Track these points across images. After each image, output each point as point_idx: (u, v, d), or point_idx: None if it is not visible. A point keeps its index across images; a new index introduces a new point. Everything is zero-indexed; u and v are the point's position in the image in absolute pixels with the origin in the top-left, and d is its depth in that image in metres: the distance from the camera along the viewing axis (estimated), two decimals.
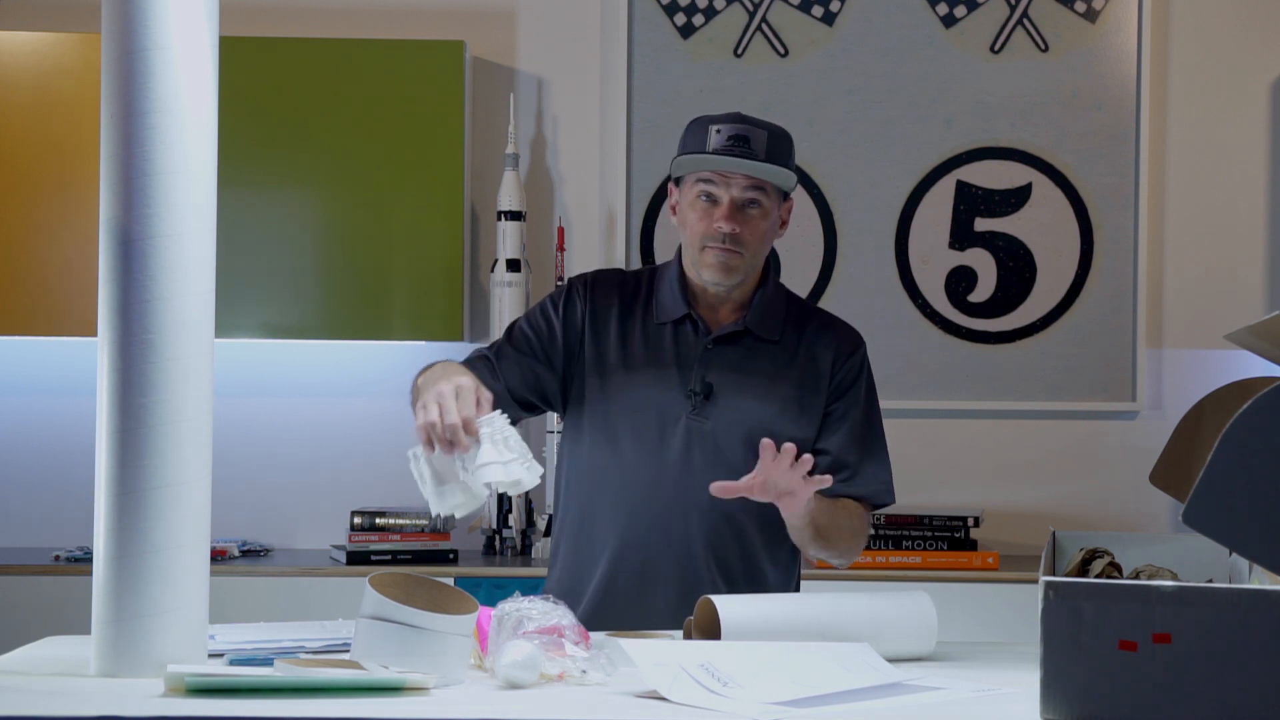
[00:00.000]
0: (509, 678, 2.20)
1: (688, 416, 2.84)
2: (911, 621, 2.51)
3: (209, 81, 2.35)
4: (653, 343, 2.88)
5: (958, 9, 4.49)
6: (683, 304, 2.89)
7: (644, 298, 2.92)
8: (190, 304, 2.31)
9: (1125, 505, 4.45)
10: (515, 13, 4.54)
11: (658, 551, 2.83)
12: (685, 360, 2.87)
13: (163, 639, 2.28)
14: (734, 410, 2.84)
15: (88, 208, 4.16)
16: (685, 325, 2.89)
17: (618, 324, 2.89)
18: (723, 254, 2.82)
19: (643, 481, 2.84)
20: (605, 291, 2.93)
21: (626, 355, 2.87)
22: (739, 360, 2.87)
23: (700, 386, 2.85)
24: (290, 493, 4.51)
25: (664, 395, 2.85)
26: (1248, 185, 4.50)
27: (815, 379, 2.90)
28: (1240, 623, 1.91)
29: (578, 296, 2.92)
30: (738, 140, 2.80)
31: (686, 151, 2.84)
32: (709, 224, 2.82)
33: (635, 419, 2.85)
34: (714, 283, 2.84)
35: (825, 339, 2.93)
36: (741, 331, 2.88)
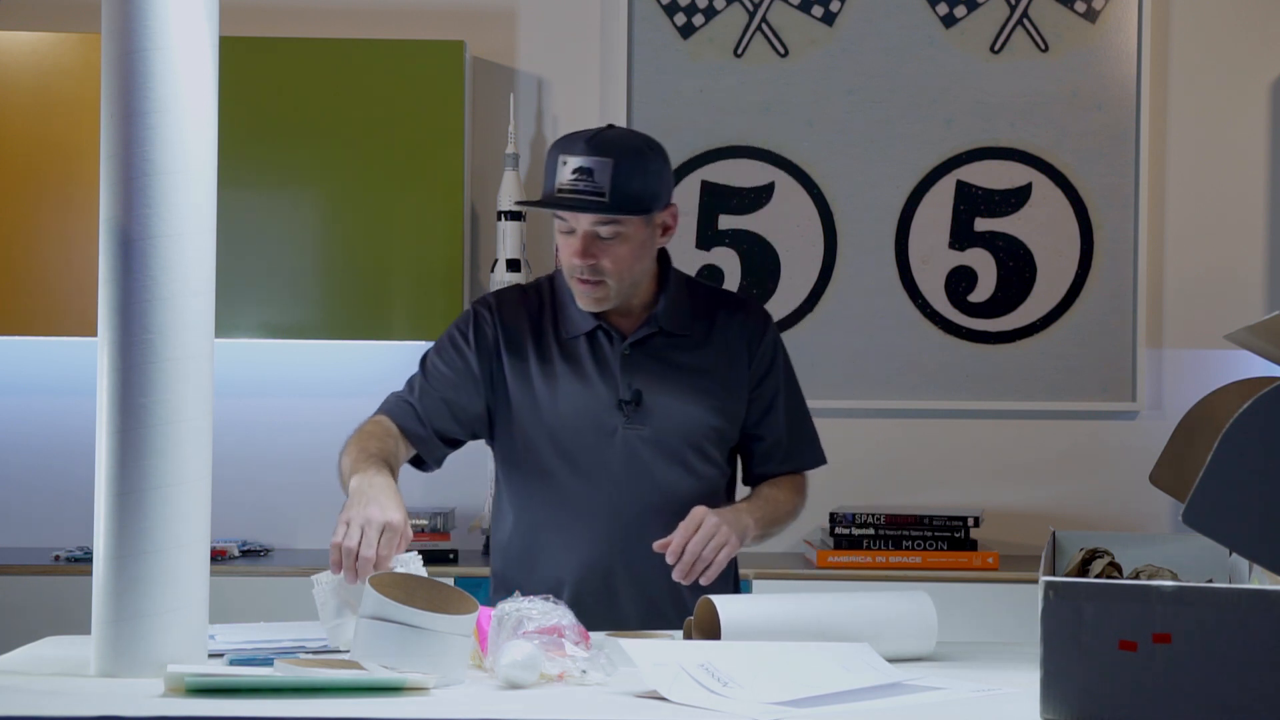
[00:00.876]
0: (509, 678, 2.20)
1: (623, 427, 2.85)
2: (911, 621, 2.51)
3: (209, 81, 2.35)
4: (571, 357, 2.88)
5: (958, 9, 4.49)
6: (590, 316, 2.88)
7: (550, 313, 2.91)
8: (190, 304, 2.31)
9: (1125, 505, 4.45)
10: (515, 13, 4.54)
11: (621, 563, 2.85)
12: (607, 370, 2.87)
13: (163, 639, 2.28)
14: (667, 411, 2.86)
15: (88, 208, 4.16)
16: (598, 335, 2.88)
17: (533, 343, 2.89)
18: (586, 286, 2.82)
19: (594, 498, 2.84)
20: (512, 312, 2.91)
21: (549, 373, 2.87)
22: (660, 361, 2.88)
23: (630, 395, 2.86)
24: (290, 493, 4.50)
25: (596, 409, 2.85)
26: (1248, 185, 4.50)
27: (735, 362, 2.92)
28: (1240, 623, 1.91)
29: (485, 322, 2.90)
30: (581, 174, 2.77)
31: (545, 182, 2.82)
32: (568, 256, 2.82)
33: (573, 437, 2.85)
34: (586, 309, 2.85)
35: (735, 321, 2.94)
36: (655, 332, 2.89)
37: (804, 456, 3.01)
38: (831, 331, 4.49)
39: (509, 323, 2.90)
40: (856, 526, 4.24)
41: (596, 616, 2.76)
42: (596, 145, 2.78)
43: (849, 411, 4.48)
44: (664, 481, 2.85)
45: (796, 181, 4.49)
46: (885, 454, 4.49)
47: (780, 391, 2.97)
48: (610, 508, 2.85)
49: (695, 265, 4.47)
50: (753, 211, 4.49)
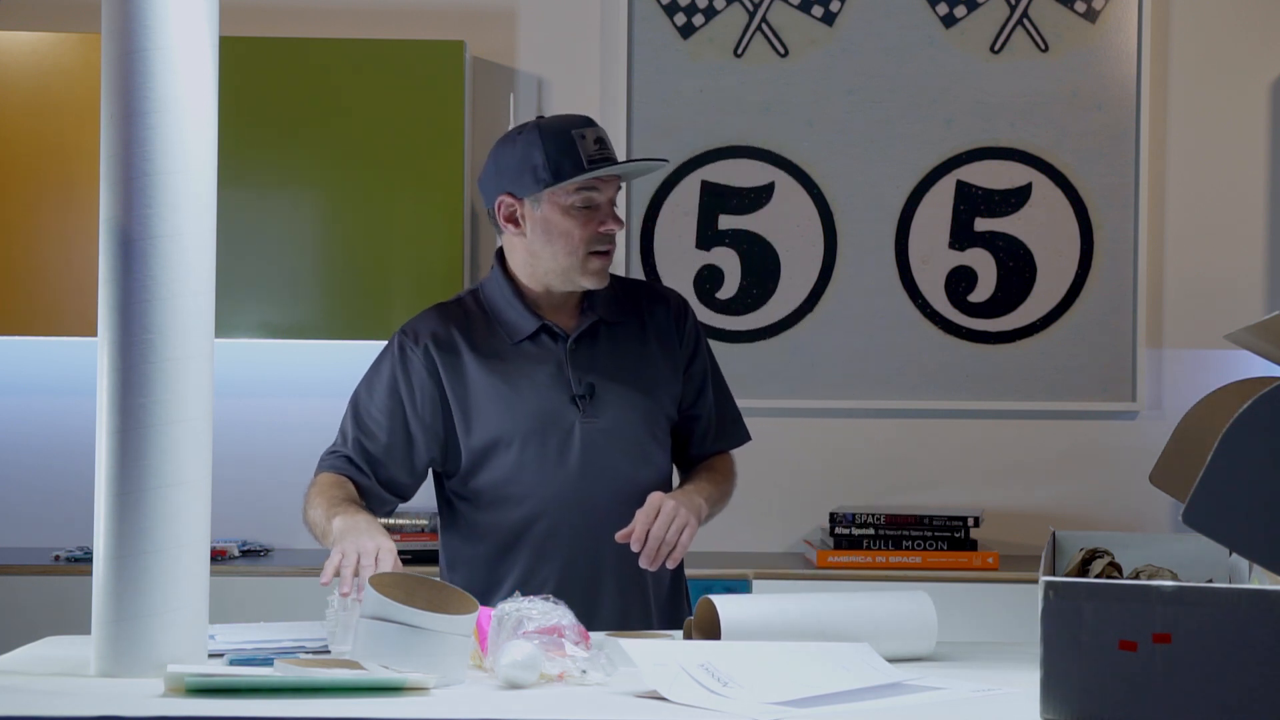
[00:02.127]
0: (509, 678, 2.20)
1: (580, 421, 2.85)
2: (911, 621, 2.51)
3: (209, 81, 2.35)
4: (518, 364, 2.87)
5: (958, 9, 4.49)
6: (531, 317, 2.88)
7: (484, 324, 2.90)
8: (190, 304, 2.31)
9: (1125, 505, 4.45)
10: (515, 13, 4.54)
11: (599, 559, 2.85)
12: (555, 369, 2.87)
13: (163, 639, 2.28)
14: (620, 400, 2.88)
15: (88, 208, 4.16)
16: (541, 336, 2.89)
17: (472, 358, 2.87)
18: (604, 258, 2.85)
19: (560, 499, 2.84)
20: (442, 330, 2.89)
21: (497, 382, 2.86)
22: (604, 352, 2.91)
23: (583, 388, 2.87)
24: (290, 493, 4.47)
25: (550, 408, 2.85)
26: (1248, 185, 4.50)
27: (669, 343, 2.96)
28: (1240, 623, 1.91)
29: (412, 352, 2.88)
30: (601, 143, 2.83)
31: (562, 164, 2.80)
32: (593, 229, 2.83)
33: (531, 439, 2.84)
34: (596, 286, 2.86)
35: (659, 306, 2.99)
36: (595, 321, 2.91)
37: (735, 434, 3.06)
38: (831, 331, 4.49)
39: (442, 343, 2.88)
40: (856, 526, 4.24)
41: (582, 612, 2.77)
42: (589, 120, 2.87)
43: (849, 411, 4.48)
44: (625, 471, 2.87)
45: (796, 181, 4.49)
46: (885, 454, 4.49)
47: (708, 373, 3.02)
48: (578, 503, 2.85)
49: (695, 265, 4.47)
50: (753, 211, 4.49)
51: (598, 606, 2.82)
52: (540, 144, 2.82)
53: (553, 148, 2.81)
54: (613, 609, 2.85)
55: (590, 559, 2.85)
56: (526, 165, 2.82)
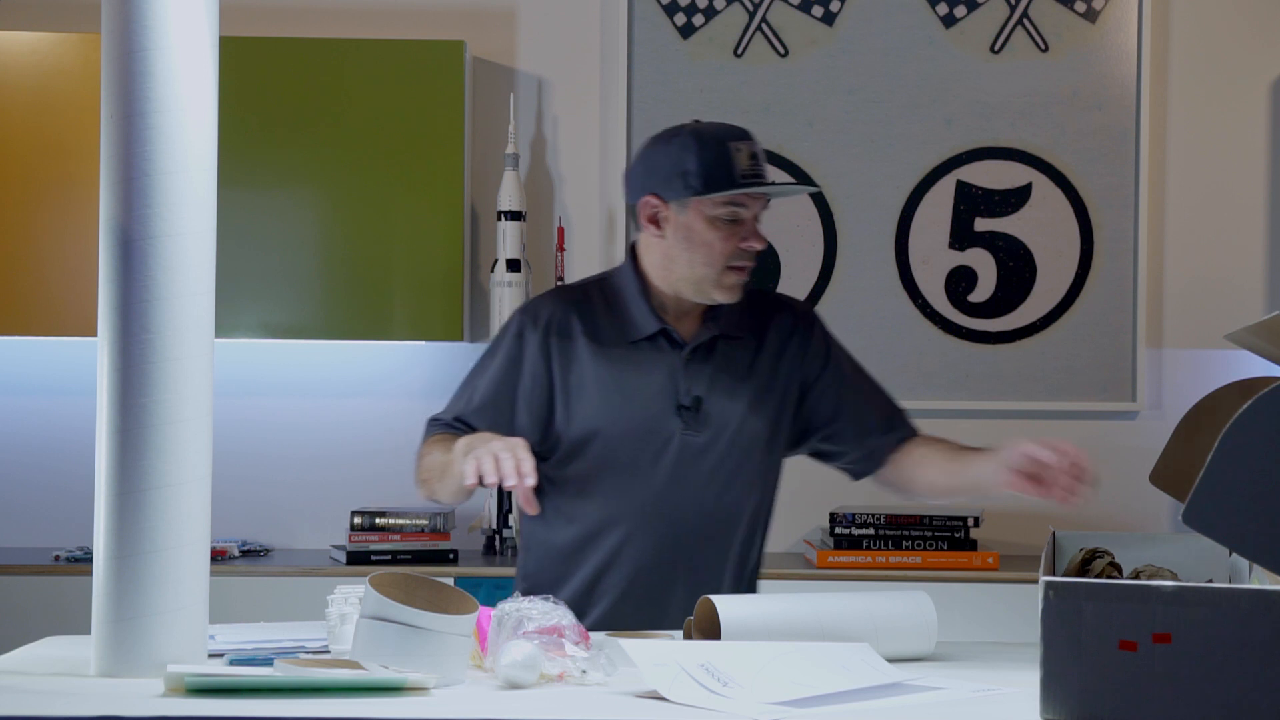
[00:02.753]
0: (509, 678, 2.20)
1: (681, 432, 2.81)
2: (911, 621, 2.51)
3: (209, 81, 2.35)
4: (630, 362, 2.83)
5: (958, 9, 4.49)
6: (653, 319, 2.84)
7: (606, 316, 2.86)
8: (190, 304, 2.31)
9: (1125, 505, 4.45)
10: (515, 13, 4.54)
11: (668, 568, 2.82)
12: (667, 375, 2.83)
13: (163, 639, 2.28)
14: (725, 418, 2.83)
15: (88, 208, 4.16)
16: (659, 340, 2.85)
17: (588, 347, 2.84)
18: (742, 274, 2.81)
19: (641, 506, 2.81)
20: (563, 315, 2.86)
21: (606, 379, 2.82)
22: (717, 366, 2.85)
23: (690, 401, 2.83)
24: (290, 493, 4.51)
25: (652, 414, 2.82)
26: (1248, 185, 4.50)
27: (790, 360, 2.91)
28: (1240, 623, 1.91)
29: (529, 334, 2.85)
30: (756, 158, 2.79)
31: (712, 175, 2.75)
32: (734, 243, 2.78)
33: (627, 441, 2.81)
34: (728, 301, 2.82)
35: (784, 318, 2.93)
36: (715, 335, 2.86)
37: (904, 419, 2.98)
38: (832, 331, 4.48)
39: (561, 327, 2.84)
40: (856, 526, 4.24)
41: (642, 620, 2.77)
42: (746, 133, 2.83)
43: None
44: (712, 491, 2.82)
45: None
46: None
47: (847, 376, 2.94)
48: (658, 515, 2.81)
49: None
50: None
51: (662, 620, 2.78)
52: (695, 150, 2.77)
53: (708, 156, 2.76)
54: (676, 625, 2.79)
55: (659, 573, 2.82)
56: (677, 170, 2.78)
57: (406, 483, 4.49)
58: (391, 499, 4.42)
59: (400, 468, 4.49)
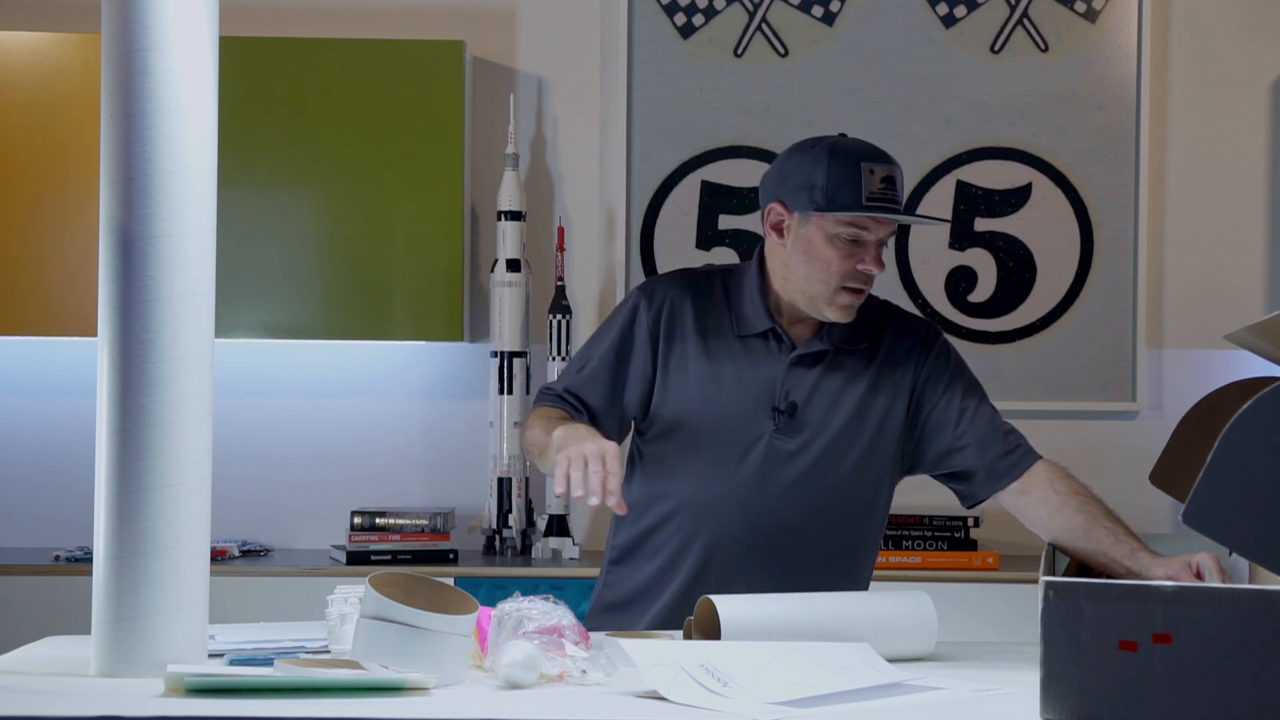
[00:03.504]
0: (509, 678, 2.20)
1: (771, 436, 2.78)
2: (911, 621, 2.51)
3: (209, 81, 2.35)
4: (734, 356, 2.81)
5: (958, 9, 4.49)
6: (766, 318, 2.82)
7: (721, 306, 2.85)
8: (190, 304, 2.31)
9: (1125, 505, 4.42)
10: (515, 13, 4.54)
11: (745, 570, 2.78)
12: (768, 376, 2.80)
13: (163, 639, 2.28)
14: (819, 429, 2.79)
15: (88, 208, 4.16)
16: (768, 339, 2.82)
17: (696, 333, 2.83)
18: (858, 295, 2.78)
19: (717, 504, 2.78)
20: (679, 299, 2.85)
21: (706, 367, 2.81)
22: (823, 376, 2.81)
23: (785, 405, 2.79)
24: (290, 493, 4.51)
25: (747, 412, 2.79)
26: (1248, 185, 4.50)
27: (900, 378, 2.85)
28: (1240, 623, 1.91)
29: (644, 312, 2.85)
30: (889, 183, 2.76)
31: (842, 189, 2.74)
32: (852, 264, 2.76)
33: (716, 434, 2.78)
34: (840, 320, 2.79)
35: (903, 337, 2.88)
36: (826, 348, 2.82)
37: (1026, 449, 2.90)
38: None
39: (674, 310, 2.84)
40: None
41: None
42: (885, 156, 2.79)
43: None
44: (794, 502, 2.78)
45: None
46: None
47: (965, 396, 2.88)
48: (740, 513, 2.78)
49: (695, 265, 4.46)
50: (752, 211, 4.49)
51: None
52: (826, 165, 2.75)
53: (838, 172, 2.74)
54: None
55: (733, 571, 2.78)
56: (807, 182, 2.76)
57: (407, 483, 4.53)
58: (391, 499, 4.42)
59: (401, 468, 4.51)
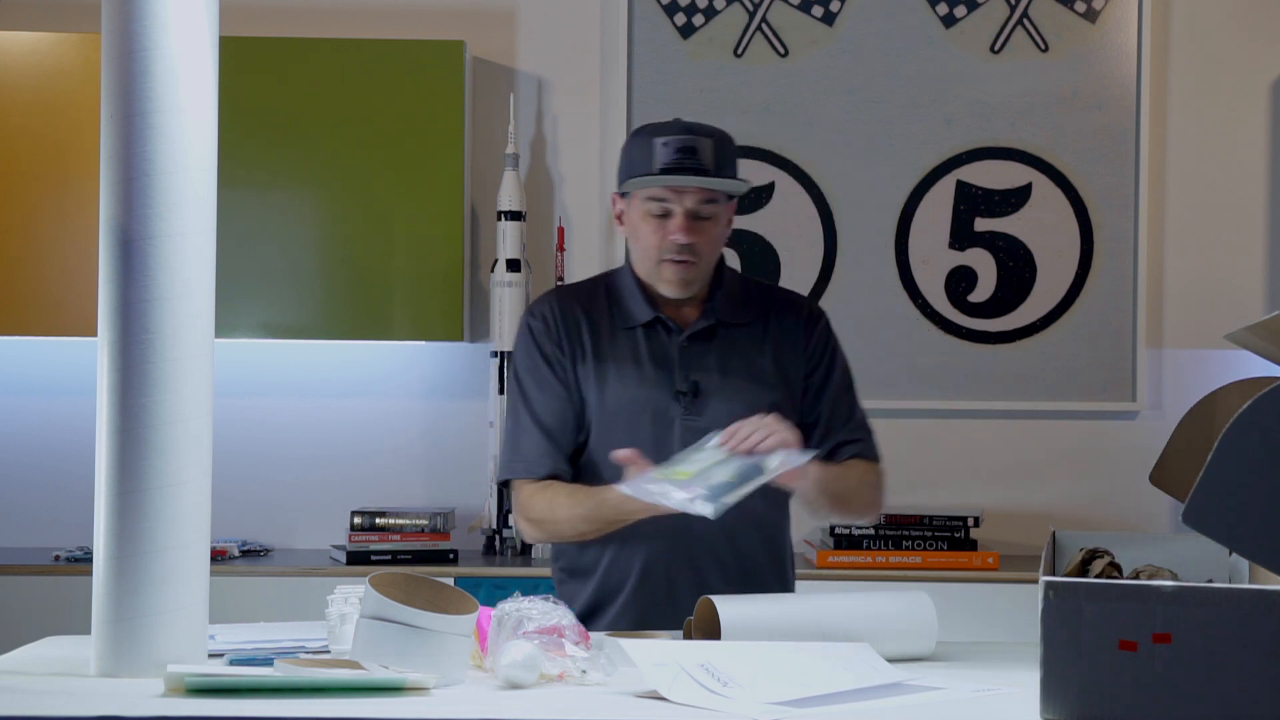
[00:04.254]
0: (509, 678, 2.20)
1: (681, 417, 2.85)
2: (911, 621, 2.51)
3: (209, 81, 2.35)
4: (628, 350, 2.89)
5: (958, 9, 4.48)
6: (648, 308, 2.90)
7: (606, 306, 2.92)
8: (190, 304, 2.31)
9: (1125, 505, 4.45)
10: (515, 13, 4.54)
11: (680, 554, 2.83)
12: (664, 362, 2.88)
13: (163, 639, 2.28)
14: (724, 402, 2.85)
15: (88, 208, 4.16)
16: (655, 328, 2.90)
17: (590, 337, 2.90)
18: (679, 267, 2.84)
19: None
20: (565, 308, 2.92)
21: (606, 366, 2.88)
22: (717, 352, 2.89)
23: (687, 386, 2.86)
24: (290, 493, 4.50)
25: (653, 399, 2.86)
26: (1248, 185, 4.50)
27: (792, 353, 2.93)
28: (1240, 623, 1.91)
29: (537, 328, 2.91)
30: (686, 152, 2.80)
31: (635, 167, 2.83)
32: (663, 237, 2.83)
33: (630, 425, 2.84)
34: (672, 294, 2.87)
35: (790, 314, 2.96)
36: (713, 324, 2.90)
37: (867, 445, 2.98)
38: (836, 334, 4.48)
39: (564, 319, 2.90)
40: (856, 526, 4.24)
41: (657, 610, 2.78)
42: (691, 127, 2.83)
43: None
44: None
45: (796, 181, 4.49)
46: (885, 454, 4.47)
47: (835, 379, 2.95)
48: None
49: None
50: (753, 211, 4.49)
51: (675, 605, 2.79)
52: (628, 146, 2.87)
53: (634, 150, 2.84)
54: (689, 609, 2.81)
55: (673, 556, 2.83)
56: (619, 166, 2.89)
57: (407, 483, 4.53)
58: (391, 499, 4.42)
59: (401, 468, 4.51)
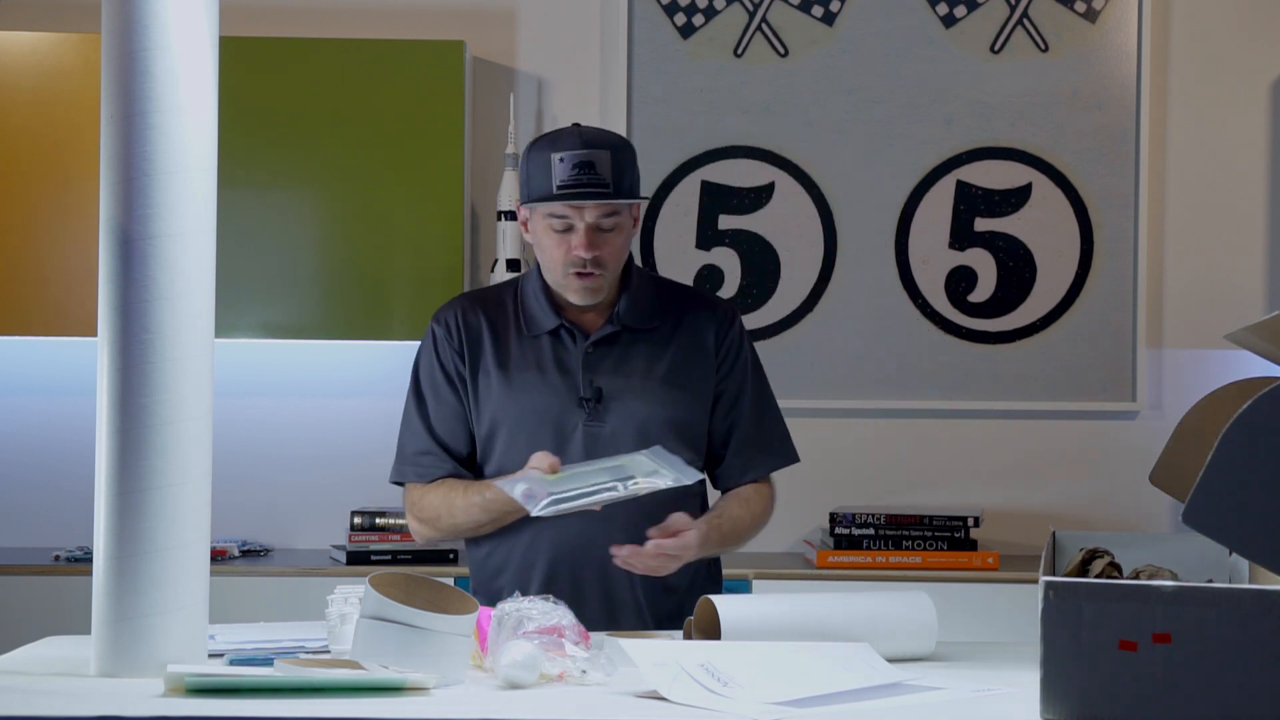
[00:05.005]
0: (509, 678, 2.20)
1: (584, 424, 2.86)
2: (911, 621, 2.52)
3: (209, 81, 2.35)
4: (532, 357, 2.89)
5: (958, 9, 4.48)
6: (552, 314, 2.90)
7: (512, 314, 2.93)
8: (190, 304, 2.31)
9: (1125, 505, 4.45)
10: (515, 13, 4.54)
11: (584, 559, 2.84)
12: (568, 368, 2.88)
13: (163, 639, 2.28)
14: (627, 407, 2.86)
15: (88, 208, 4.16)
16: (560, 334, 2.90)
17: (492, 344, 2.90)
18: (585, 279, 2.84)
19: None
20: (469, 314, 2.93)
21: (509, 373, 2.89)
22: (621, 358, 2.89)
23: (590, 392, 2.87)
24: (290, 493, 4.50)
25: (556, 406, 2.86)
26: (1248, 185, 4.50)
27: (700, 356, 2.93)
28: (1240, 623, 1.91)
29: (441, 334, 2.92)
30: (583, 168, 2.80)
31: (533, 184, 2.84)
32: (567, 250, 2.83)
33: (533, 433, 2.85)
34: (581, 304, 2.88)
35: (701, 316, 2.95)
36: (617, 330, 2.90)
37: (771, 459, 2.99)
38: (831, 331, 4.48)
39: (468, 330, 2.92)
40: (856, 526, 4.24)
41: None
42: (589, 140, 2.83)
43: (849, 411, 4.48)
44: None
45: (796, 181, 4.49)
46: (885, 454, 4.49)
47: (747, 389, 2.97)
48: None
49: (695, 265, 4.47)
50: (753, 211, 4.49)
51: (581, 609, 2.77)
52: (526, 160, 2.88)
53: (532, 166, 2.86)
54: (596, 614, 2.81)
55: (577, 562, 2.85)
56: (520, 179, 2.91)
57: None
58: (391, 499, 4.41)
59: None
